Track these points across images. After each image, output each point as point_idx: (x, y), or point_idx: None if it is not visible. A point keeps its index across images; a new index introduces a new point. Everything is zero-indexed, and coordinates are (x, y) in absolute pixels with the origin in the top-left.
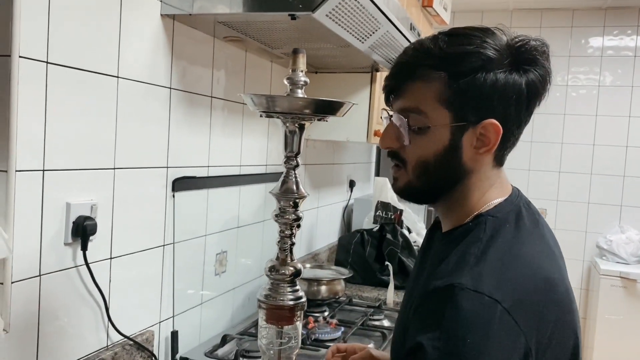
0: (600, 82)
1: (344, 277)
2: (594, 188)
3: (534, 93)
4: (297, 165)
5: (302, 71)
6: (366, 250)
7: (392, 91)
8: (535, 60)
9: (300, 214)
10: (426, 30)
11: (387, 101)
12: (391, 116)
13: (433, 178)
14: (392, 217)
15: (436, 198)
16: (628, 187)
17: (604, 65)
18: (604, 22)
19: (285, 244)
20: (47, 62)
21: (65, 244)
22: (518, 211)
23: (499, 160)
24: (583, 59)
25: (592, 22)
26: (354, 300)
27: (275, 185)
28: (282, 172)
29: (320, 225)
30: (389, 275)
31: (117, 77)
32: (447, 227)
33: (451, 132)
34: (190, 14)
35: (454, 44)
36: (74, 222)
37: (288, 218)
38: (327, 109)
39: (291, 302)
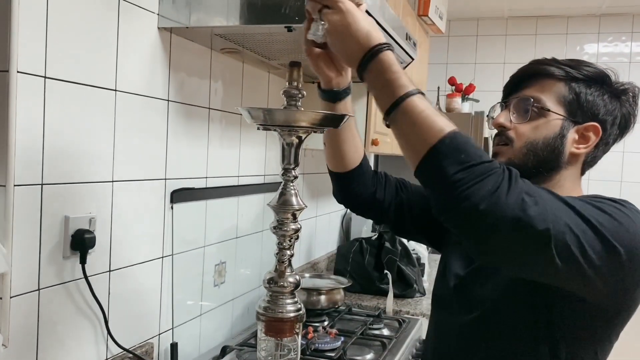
0: None
1: (343, 286)
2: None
3: (625, 125)
4: (295, 177)
5: (298, 84)
6: (365, 259)
7: (517, 84)
8: (629, 99)
9: (299, 226)
10: (422, 39)
11: (507, 96)
12: (507, 104)
13: (537, 158)
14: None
15: (529, 177)
16: (625, 192)
17: None
18: (599, 28)
19: (284, 255)
20: (45, 77)
21: (64, 258)
22: None
23: (584, 169)
24: None
25: (587, 28)
26: (353, 309)
27: (273, 197)
28: (280, 183)
29: (319, 234)
30: (388, 283)
31: (115, 90)
32: None
33: (562, 123)
34: (187, 27)
35: (581, 63)
36: (72, 236)
37: (286, 230)
38: (324, 121)
39: (290, 315)
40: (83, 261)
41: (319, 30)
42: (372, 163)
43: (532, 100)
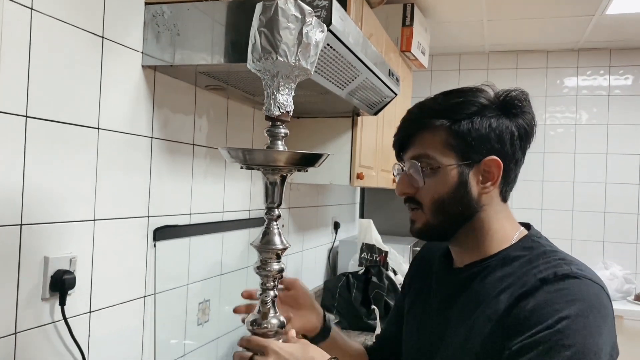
0: (577, 121)
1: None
2: (576, 225)
3: (525, 134)
4: (278, 217)
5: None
6: (352, 294)
7: (402, 144)
8: (519, 107)
9: (283, 266)
10: (405, 74)
11: (398, 155)
12: (403, 167)
13: (449, 214)
14: (377, 259)
15: (453, 233)
16: (609, 223)
17: (579, 104)
18: (577, 62)
19: (267, 297)
20: (26, 117)
21: (43, 299)
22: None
23: (504, 197)
24: (559, 99)
25: (566, 63)
26: None
27: (257, 236)
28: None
29: (306, 268)
30: (375, 319)
31: (98, 128)
32: (471, 259)
33: (458, 171)
34: (171, 65)
35: (450, 98)
36: (52, 277)
37: (270, 270)
38: (303, 161)
39: None
40: (62, 302)
41: None
42: (357, 196)
43: (421, 162)
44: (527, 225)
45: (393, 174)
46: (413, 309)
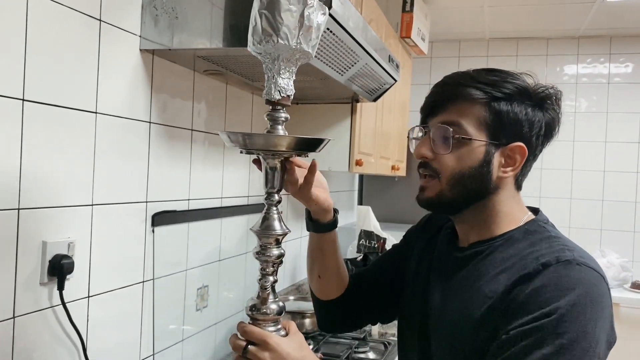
0: (577, 109)
1: None
2: (574, 213)
3: (550, 131)
4: (278, 202)
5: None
6: None
7: (436, 106)
8: (552, 104)
9: (282, 251)
10: (405, 61)
11: (425, 118)
12: (426, 131)
13: (465, 189)
14: (376, 245)
15: (462, 209)
16: (607, 211)
17: (579, 92)
18: (578, 50)
19: (267, 282)
20: (23, 100)
21: (41, 284)
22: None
23: (519, 185)
24: (559, 86)
25: (566, 50)
26: None
27: (256, 221)
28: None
29: (304, 255)
30: None
31: (96, 112)
32: (476, 238)
33: (486, 149)
34: (169, 49)
35: (494, 74)
36: (50, 261)
37: (269, 256)
38: (304, 146)
39: None
40: (61, 287)
41: None
42: (356, 183)
43: (452, 130)
44: (535, 211)
45: (409, 137)
46: (414, 282)
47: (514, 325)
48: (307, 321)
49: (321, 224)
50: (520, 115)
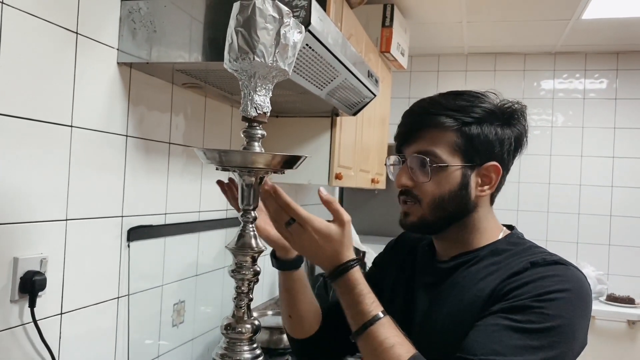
0: (553, 123)
1: None
2: (551, 226)
3: (519, 144)
4: (255, 219)
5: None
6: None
7: (409, 135)
8: (519, 119)
9: (259, 269)
10: (384, 75)
11: (400, 147)
12: (404, 160)
13: (446, 212)
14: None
15: (443, 229)
16: (583, 224)
17: (555, 107)
18: (554, 66)
19: (242, 300)
20: None
21: (12, 301)
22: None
23: (492, 200)
24: (536, 101)
25: (543, 65)
26: None
27: (232, 238)
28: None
29: None
30: None
31: (71, 126)
32: (456, 252)
33: (462, 172)
34: (147, 62)
35: (461, 99)
36: (21, 278)
37: (245, 274)
38: (281, 163)
39: None
40: (32, 304)
41: None
42: (337, 196)
43: (428, 159)
44: (509, 227)
45: (386, 164)
46: (393, 292)
47: (500, 303)
48: (285, 337)
49: (282, 261)
50: (490, 137)
